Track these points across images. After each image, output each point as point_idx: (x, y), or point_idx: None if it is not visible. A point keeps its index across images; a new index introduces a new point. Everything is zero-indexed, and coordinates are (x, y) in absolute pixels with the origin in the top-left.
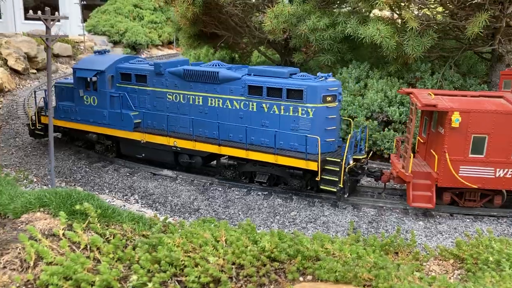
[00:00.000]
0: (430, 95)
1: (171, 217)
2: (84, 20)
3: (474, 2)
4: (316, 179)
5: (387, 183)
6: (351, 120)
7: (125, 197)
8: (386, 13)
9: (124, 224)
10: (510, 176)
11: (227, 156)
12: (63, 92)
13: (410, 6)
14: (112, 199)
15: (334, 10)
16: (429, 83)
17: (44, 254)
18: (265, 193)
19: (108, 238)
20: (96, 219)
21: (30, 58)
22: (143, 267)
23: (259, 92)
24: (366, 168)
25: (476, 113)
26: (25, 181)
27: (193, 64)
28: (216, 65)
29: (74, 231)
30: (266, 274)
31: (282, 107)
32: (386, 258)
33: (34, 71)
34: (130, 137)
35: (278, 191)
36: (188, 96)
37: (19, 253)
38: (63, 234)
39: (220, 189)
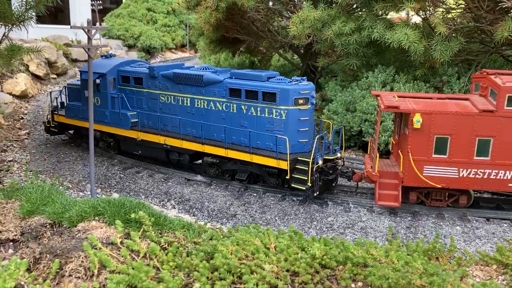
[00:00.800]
0: (395, 97)
1: (209, 222)
2: (95, 23)
3: (504, 6)
4: (286, 177)
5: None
6: (331, 123)
7: (161, 202)
8: (402, 14)
9: (177, 231)
10: (473, 176)
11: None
12: (72, 93)
13: (437, 10)
14: (149, 204)
15: (361, 13)
16: (456, 87)
17: (107, 263)
18: (300, 198)
19: (163, 245)
20: (151, 227)
21: (50, 64)
22: (202, 275)
23: (238, 94)
24: (339, 168)
25: (437, 115)
26: (60, 187)
27: (183, 67)
28: (204, 69)
29: (132, 240)
30: (320, 281)
31: (258, 109)
32: (437, 265)
33: (54, 76)
34: (127, 135)
35: (313, 197)
36: (178, 98)
37: (82, 261)
38: (121, 243)
39: (255, 194)
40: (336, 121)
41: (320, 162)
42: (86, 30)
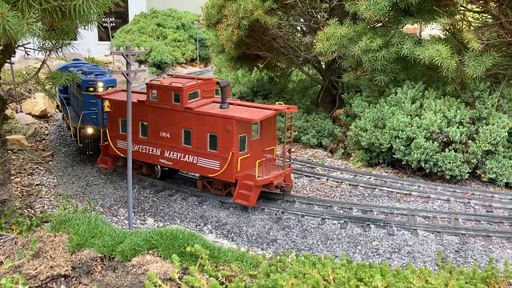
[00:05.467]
0: (108, 88)
1: (250, 248)
2: (101, 38)
3: None
4: (74, 138)
5: None
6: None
7: (198, 227)
8: (415, 25)
9: (232, 263)
10: (142, 151)
11: None
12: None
13: (465, 25)
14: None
15: (387, 28)
16: (489, 102)
17: None
18: (341, 222)
19: (220, 280)
20: (207, 260)
21: None
22: None
23: (84, 88)
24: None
25: (118, 102)
26: (93, 212)
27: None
28: (94, 73)
29: (192, 275)
30: None
31: (83, 94)
32: None
33: None
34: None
35: (353, 219)
36: (78, 91)
37: None
38: (179, 278)
39: (294, 218)
40: (365, 137)
41: (90, 131)
42: (125, 56)
